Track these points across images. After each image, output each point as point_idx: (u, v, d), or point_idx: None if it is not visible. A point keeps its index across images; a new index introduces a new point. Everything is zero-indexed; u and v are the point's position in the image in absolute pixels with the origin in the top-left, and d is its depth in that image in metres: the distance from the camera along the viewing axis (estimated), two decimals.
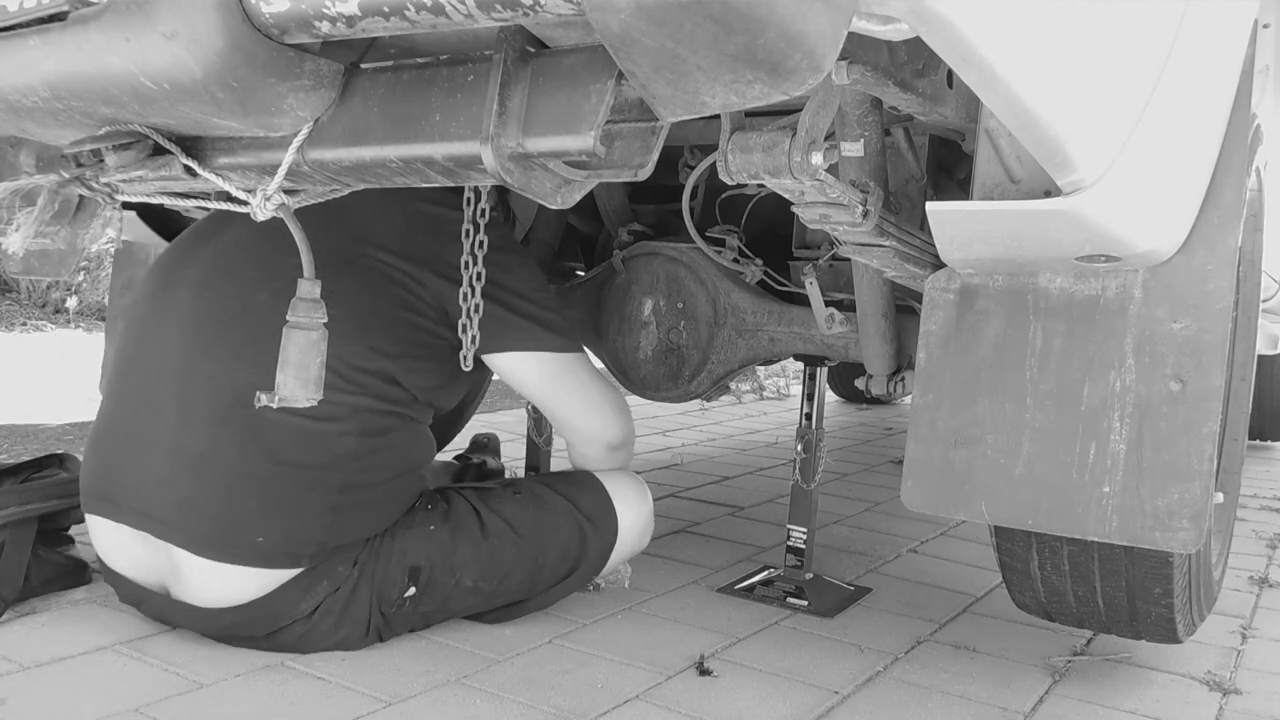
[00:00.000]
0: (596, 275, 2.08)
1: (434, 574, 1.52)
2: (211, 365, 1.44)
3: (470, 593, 1.56)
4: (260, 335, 1.41)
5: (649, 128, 0.83)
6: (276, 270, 1.46)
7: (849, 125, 1.19)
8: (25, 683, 1.35)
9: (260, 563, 1.42)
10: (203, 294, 1.49)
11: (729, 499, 2.70)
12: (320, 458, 1.43)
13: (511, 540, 1.57)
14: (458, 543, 1.54)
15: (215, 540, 1.41)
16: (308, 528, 1.43)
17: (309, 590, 1.45)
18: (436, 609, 1.56)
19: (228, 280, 1.50)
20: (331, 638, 1.49)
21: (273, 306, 1.42)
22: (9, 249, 1.15)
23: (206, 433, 1.42)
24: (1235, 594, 2.08)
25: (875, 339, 1.72)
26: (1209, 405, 1.14)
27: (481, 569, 1.55)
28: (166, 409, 1.45)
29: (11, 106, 0.89)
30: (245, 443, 1.41)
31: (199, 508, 1.42)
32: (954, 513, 1.26)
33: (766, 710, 1.40)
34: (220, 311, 1.47)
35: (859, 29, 0.74)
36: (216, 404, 1.42)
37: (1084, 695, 1.52)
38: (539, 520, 1.61)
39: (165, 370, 1.47)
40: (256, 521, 1.41)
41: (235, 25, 0.75)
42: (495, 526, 1.57)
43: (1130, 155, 1.03)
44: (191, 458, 1.42)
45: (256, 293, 1.46)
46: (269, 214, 0.95)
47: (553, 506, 1.63)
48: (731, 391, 4.53)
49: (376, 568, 1.48)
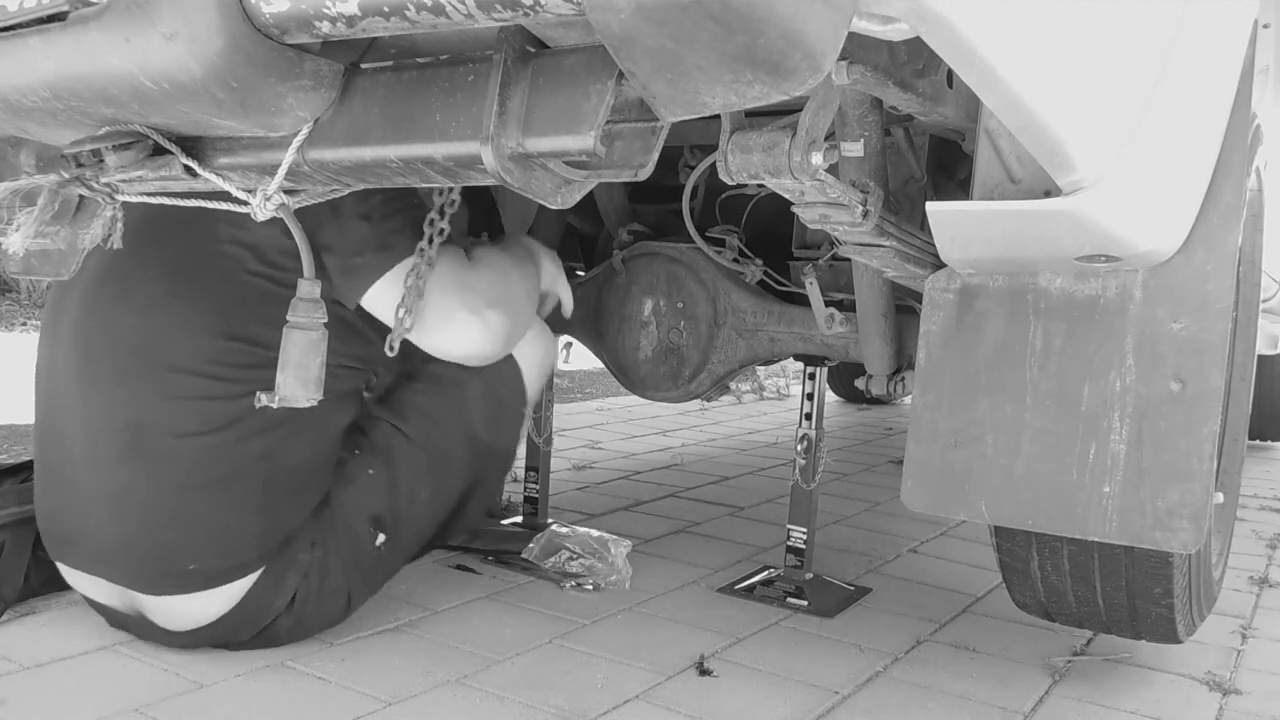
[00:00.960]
0: (596, 275, 2.08)
1: (396, 511, 1.52)
2: (101, 401, 1.39)
3: (433, 501, 1.57)
4: (138, 361, 1.38)
5: (649, 128, 0.83)
6: (138, 286, 1.40)
7: (849, 125, 1.19)
8: (25, 683, 1.35)
9: (207, 585, 1.39)
10: (81, 328, 1.43)
11: (729, 499, 2.70)
12: (230, 469, 1.38)
13: (439, 433, 1.56)
14: (399, 472, 1.53)
15: (156, 577, 1.39)
16: (240, 538, 1.39)
17: (278, 587, 1.43)
18: (413, 538, 1.56)
19: (98, 308, 1.42)
20: (320, 618, 1.48)
21: (143, 326, 1.39)
22: (9, 249, 1.15)
23: (114, 473, 1.38)
24: (1235, 594, 2.08)
25: (875, 339, 1.72)
26: (1209, 405, 1.14)
27: (431, 476, 1.55)
28: (77, 452, 1.41)
29: (11, 106, 0.89)
30: (152, 476, 1.37)
31: (131, 549, 1.39)
32: (954, 513, 1.26)
33: (766, 710, 1.40)
34: (97, 343, 1.41)
35: (859, 29, 0.74)
36: (116, 441, 1.38)
37: (1084, 695, 1.52)
38: (452, 398, 1.59)
39: (68, 413, 1.43)
40: (186, 550, 1.38)
41: (235, 25, 0.75)
42: (419, 430, 1.55)
43: (1130, 155, 1.03)
44: (109, 501, 1.39)
45: (124, 315, 1.40)
46: (269, 214, 0.95)
47: (459, 375, 1.59)
48: (731, 391, 4.53)
49: (337, 538, 1.47)
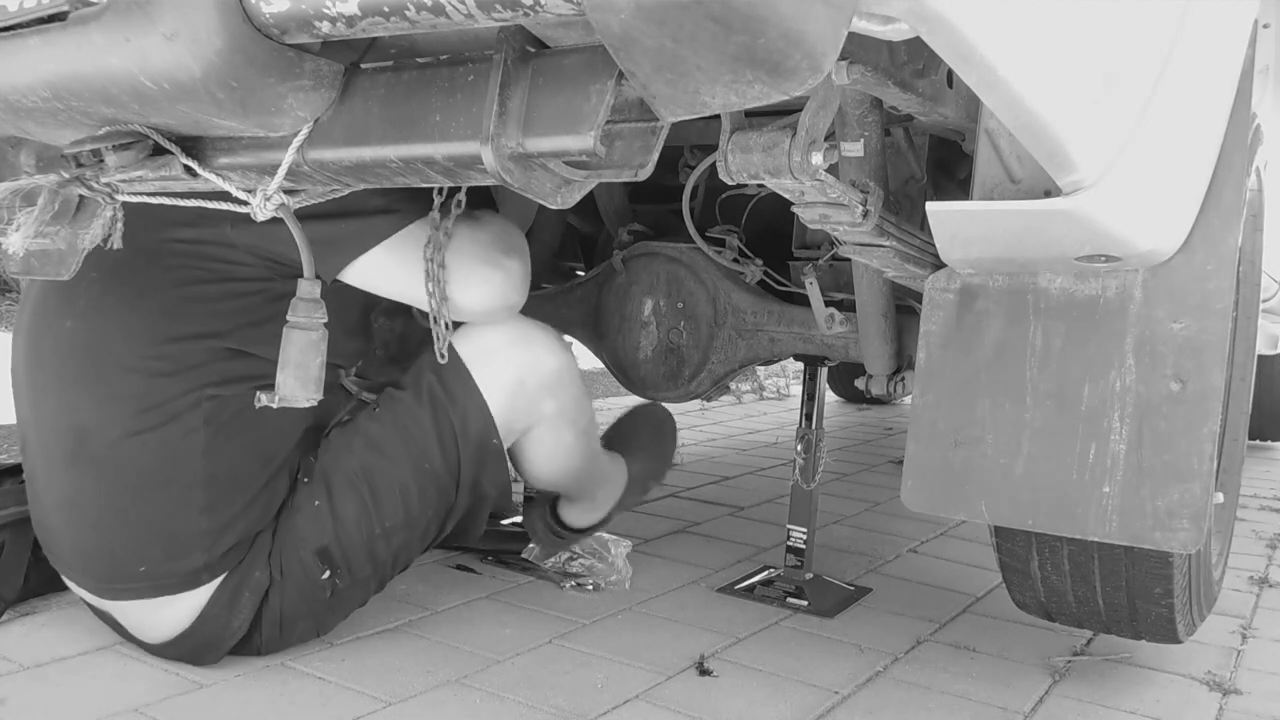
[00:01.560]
0: (596, 275, 2.08)
1: (343, 544, 1.45)
2: (48, 406, 1.40)
3: (387, 536, 1.47)
4: (77, 365, 1.37)
5: (649, 128, 0.83)
6: (76, 291, 1.38)
7: (849, 125, 1.19)
8: (25, 683, 1.35)
9: (156, 592, 1.38)
10: (29, 335, 1.44)
11: (729, 499, 2.70)
12: (170, 468, 1.36)
13: (384, 468, 1.46)
14: (340, 503, 1.45)
15: (108, 582, 1.39)
16: (189, 541, 1.38)
17: (233, 606, 1.41)
18: (374, 569, 1.49)
19: (42, 316, 1.43)
20: (292, 635, 1.47)
21: (80, 331, 1.38)
22: (9, 249, 1.15)
23: (66, 478, 1.39)
24: (1235, 594, 2.08)
25: (875, 339, 1.72)
26: (1209, 405, 1.14)
27: (376, 511, 1.46)
28: (37, 460, 1.43)
29: (11, 106, 0.89)
30: (98, 478, 1.37)
31: (86, 554, 1.40)
32: (954, 513, 1.26)
33: (766, 710, 1.40)
34: (42, 350, 1.42)
35: (859, 29, 0.74)
36: (63, 446, 1.38)
37: (1084, 695, 1.52)
38: (403, 429, 1.48)
39: (23, 418, 1.44)
40: (133, 552, 1.37)
41: (235, 25, 0.75)
42: (365, 462, 1.47)
43: (1130, 155, 1.03)
44: (63, 507, 1.40)
45: (64, 320, 1.40)
46: (269, 214, 0.95)
47: (411, 403, 1.49)
48: (731, 391, 4.53)
49: (288, 566, 1.43)
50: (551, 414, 1.56)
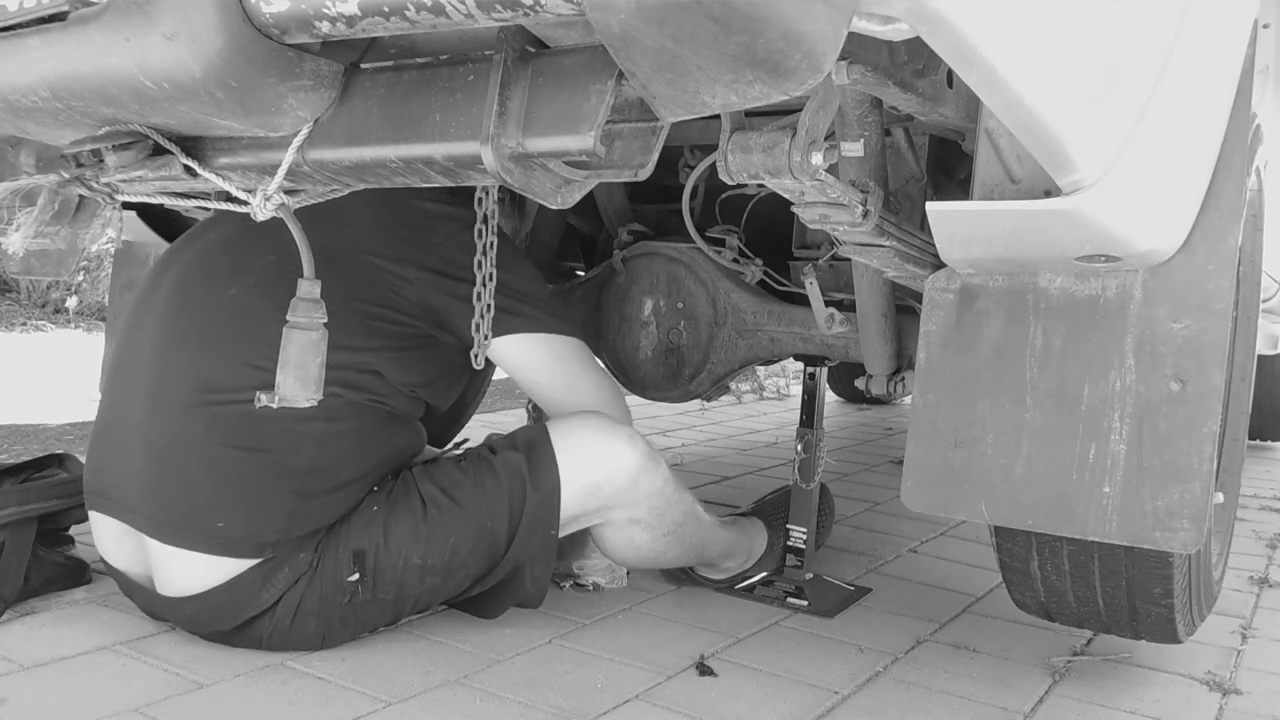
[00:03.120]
0: (596, 275, 2.08)
1: (378, 556, 1.48)
2: (180, 357, 1.47)
3: (423, 571, 1.50)
4: (228, 327, 1.46)
5: (649, 128, 0.83)
6: (250, 266, 1.49)
7: (849, 125, 1.19)
8: (25, 683, 1.35)
9: (221, 550, 1.42)
10: (180, 292, 1.53)
11: (729, 499, 2.70)
12: (284, 441, 1.43)
13: (450, 510, 1.51)
14: (396, 520, 1.49)
15: (176, 526, 1.42)
16: (271, 515, 1.42)
17: (269, 578, 1.44)
18: (396, 596, 1.51)
19: (203, 278, 1.52)
20: (300, 632, 1.47)
21: (242, 300, 1.48)
22: (9, 249, 1.15)
23: (173, 421, 1.44)
24: (1235, 594, 2.08)
25: (875, 339, 1.72)
26: (1209, 405, 1.14)
27: (425, 544, 1.49)
28: (141, 402, 1.47)
29: (11, 106, 0.89)
30: (210, 428, 1.42)
31: (164, 494, 1.43)
32: (954, 513, 1.26)
33: (766, 710, 1.40)
34: (193, 306, 1.50)
35: (859, 29, 0.74)
36: (183, 393, 1.44)
37: (1084, 695, 1.52)
38: (481, 485, 1.53)
39: (142, 366, 1.50)
40: (218, 507, 1.41)
41: (235, 25, 0.75)
42: (434, 498, 1.52)
43: (1130, 155, 1.03)
44: (159, 447, 1.44)
45: (227, 288, 1.49)
46: (269, 214, 0.95)
47: (497, 468, 1.55)
48: (731, 391, 4.52)
49: (325, 558, 1.47)
50: (621, 520, 1.63)
